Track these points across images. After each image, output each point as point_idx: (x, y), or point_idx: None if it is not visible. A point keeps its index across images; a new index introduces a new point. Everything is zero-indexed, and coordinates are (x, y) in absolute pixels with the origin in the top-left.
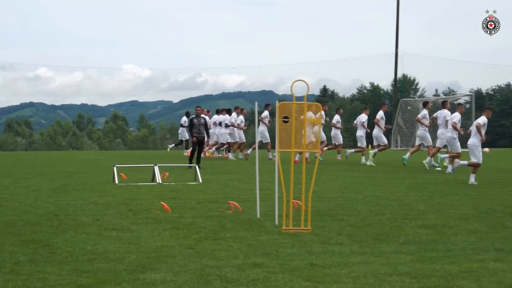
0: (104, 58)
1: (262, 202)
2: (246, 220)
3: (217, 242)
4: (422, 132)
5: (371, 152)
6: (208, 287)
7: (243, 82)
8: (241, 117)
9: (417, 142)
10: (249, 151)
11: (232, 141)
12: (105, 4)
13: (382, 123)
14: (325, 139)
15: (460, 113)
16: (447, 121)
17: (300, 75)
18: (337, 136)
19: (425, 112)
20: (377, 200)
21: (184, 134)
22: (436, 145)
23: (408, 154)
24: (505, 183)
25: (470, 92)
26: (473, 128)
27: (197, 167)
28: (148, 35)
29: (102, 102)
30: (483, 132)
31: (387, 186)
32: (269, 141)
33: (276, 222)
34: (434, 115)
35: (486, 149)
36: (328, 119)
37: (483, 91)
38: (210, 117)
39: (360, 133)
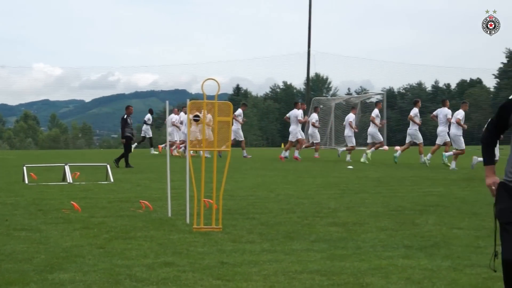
0: (14, 56)
1: (173, 201)
2: (157, 219)
3: (127, 241)
4: (413, 131)
5: (369, 151)
6: (117, 286)
7: (156, 81)
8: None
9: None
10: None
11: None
12: (15, 1)
13: (378, 121)
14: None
15: (464, 111)
16: (448, 119)
17: (213, 74)
18: (315, 134)
19: (416, 110)
20: (289, 198)
21: (148, 131)
22: (436, 143)
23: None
24: (415, 181)
25: (382, 90)
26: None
27: (108, 166)
28: (59, 34)
29: (12, 101)
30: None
31: (299, 185)
32: (243, 139)
33: (188, 221)
34: (435, 113)
35: (397, 147)
36: (307, 117)
37: (395, 89)
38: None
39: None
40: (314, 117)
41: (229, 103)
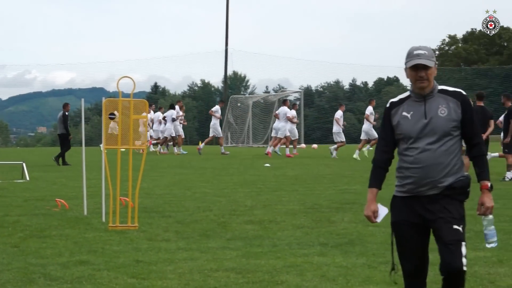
0: None
1: (89, 199)
2: (72, 217)
3: (42, 240)
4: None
5: (364, 149)
6: (31, 285)
7: (73, 79)
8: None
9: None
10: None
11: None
12: None
13: (372, 118)
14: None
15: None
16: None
17: (131, 72)
18: (293, 130)
19: (291, 112)
20: (205, 196)
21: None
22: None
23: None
24: (332, 178)
25: (299, 89)
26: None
27: (24, 164)
28: None
29: None
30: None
31: (215, 183)
32: (222, 135)
33: (103, 219)
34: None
35: (314, 145)
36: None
37: (313, 88)
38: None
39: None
40: (292, 113)
41: (145, 101)
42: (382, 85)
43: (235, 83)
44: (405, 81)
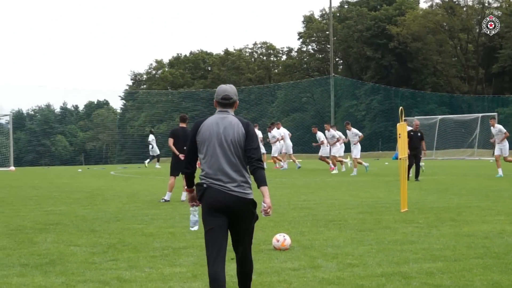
0: None
1: None
2: None
3: None
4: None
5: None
6: None
7: None
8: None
9: None
10: None
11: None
12: None
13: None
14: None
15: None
16: None
17: None
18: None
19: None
20: None
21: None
22: None
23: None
24: (38, 200)
25: (10, 112)
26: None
27: None
28: None
29: None
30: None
31: None
32: None
33: None
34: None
35: (12, 168)
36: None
37: (24, 111)
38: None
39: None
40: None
41: None
42: (93, 108)
43: None
44: (115, 104)
